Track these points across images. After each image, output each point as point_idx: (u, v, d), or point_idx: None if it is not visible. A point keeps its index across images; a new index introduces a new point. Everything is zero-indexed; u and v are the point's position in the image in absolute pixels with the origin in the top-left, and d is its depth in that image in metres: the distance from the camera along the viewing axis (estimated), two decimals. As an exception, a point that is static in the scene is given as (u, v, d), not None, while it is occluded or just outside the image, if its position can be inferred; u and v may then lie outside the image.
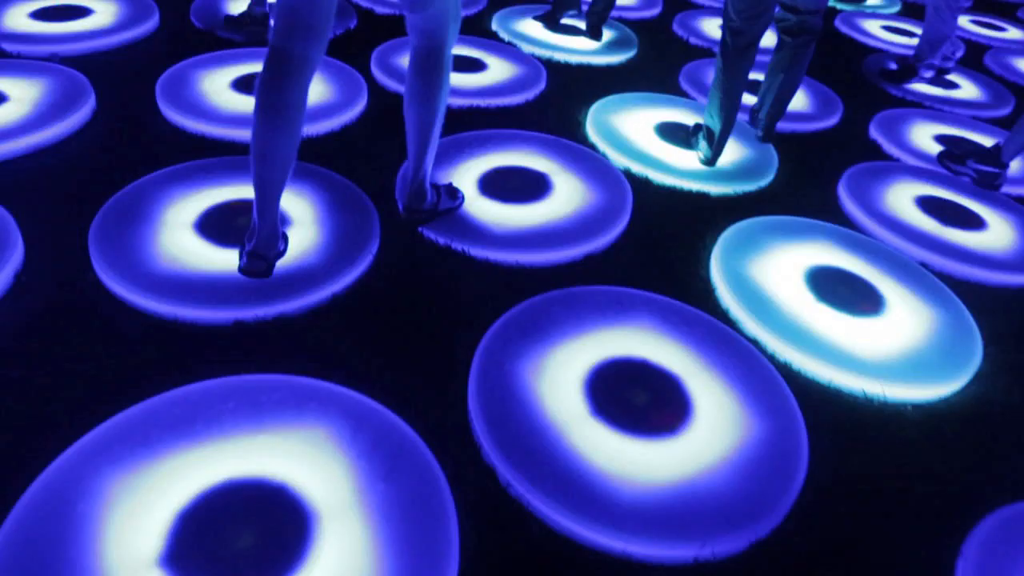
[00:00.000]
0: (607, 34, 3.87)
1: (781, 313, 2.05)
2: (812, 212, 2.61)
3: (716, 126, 2.67)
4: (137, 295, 1.81)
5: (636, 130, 2.94)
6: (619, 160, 2.73)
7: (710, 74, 3.60)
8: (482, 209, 2.30)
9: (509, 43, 3.60)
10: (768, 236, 2.37)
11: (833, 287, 2.19)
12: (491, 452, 1.52)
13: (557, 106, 3.12)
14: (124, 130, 2.55)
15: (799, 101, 3.45)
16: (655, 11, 4.42)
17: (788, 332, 1.98)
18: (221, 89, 2.79)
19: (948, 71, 3.96)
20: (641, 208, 2.45)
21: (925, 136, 3.32)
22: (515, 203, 2.35)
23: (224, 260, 1.95)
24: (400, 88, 3.00)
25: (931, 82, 3.91)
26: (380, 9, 3.83)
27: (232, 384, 1.58)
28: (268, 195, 1.77)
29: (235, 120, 2.60)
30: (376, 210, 2.23)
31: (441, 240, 2.15)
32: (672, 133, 2.96)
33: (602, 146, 2.81)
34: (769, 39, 3.71)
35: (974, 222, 2.66)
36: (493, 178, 2.46)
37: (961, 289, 2.31)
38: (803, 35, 2.66)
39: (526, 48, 3.60)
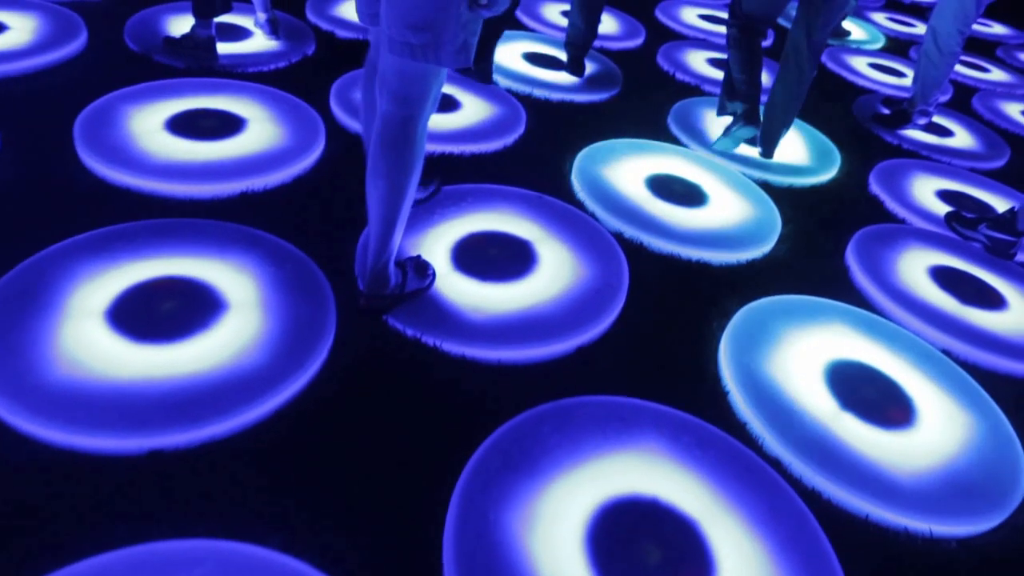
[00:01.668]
0: (588, 67, 3.59)
1: (804, 424, 1.77)
2: (822, 285, 2.36)
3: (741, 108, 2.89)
4: (21, 416, 1.43)
5: (626, 184, 2.65)
6: (610, 221, 2.44)
7: (701, 116, 3.34)
8: (456, 289, 1.97)
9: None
10: (780, 322, 2.10)
11: (857, 388, 1.92)
12: (472, 645, 1.20)
13: (539, 153, 2.81)
14: (29, 182, 2.14)
15: (798, 153, 3.21)
16: (638, 41, 4.16)
17: (814, 450, 1.71)
18: (153, 130, 2.40)
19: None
20: (637, 283, 2.15)
21: (927, 191, 3.12)
22: (494, 281, 2.03)
23: (141, 362, 1.58)
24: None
25: (925, 128, 3.73)
26: (342, 32, 3.48)
27: (136, 559, 1.22)
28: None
29: (169, 171, 2.22)
30: (332, 289, 1.89)
31: (409, 331, 1.82)
32: (665, 187, 2.68)
33: (591, 204, 2.51)
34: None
35: (994, 300, 2.44)
36: (469, 248, 2.14)
37: (989, 382, 2.08)
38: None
39: (503, 82, 3.28)
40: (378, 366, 1.74)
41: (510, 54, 3.56)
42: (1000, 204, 3.16)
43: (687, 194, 2.67)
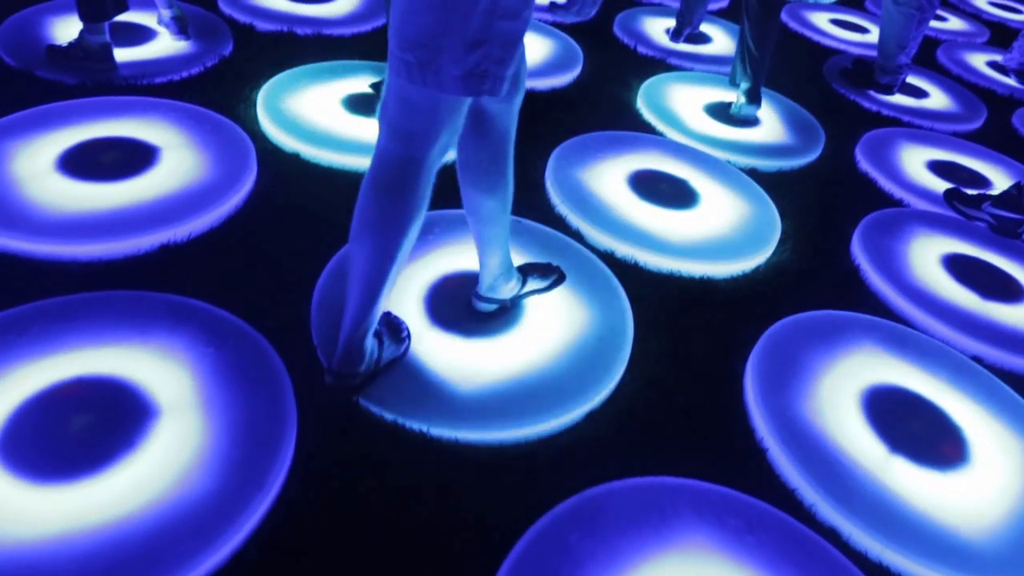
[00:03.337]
0: (547, 44, 3.24)
1: (855, 479, 1.54)
2: (835, 291, 2.14)
3: (749, 83, 2.88)
4: None
5: (608, 189, 2.35)
6: (598, 239, 2.14)
7: (672, 95, 3.05)
8: (437, 352, 1.65)
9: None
10: (803, 348, 1.86)
11: (901, 421, 1.70)
12: None
13: (505, 158, 2.47)
14: None
15: (779, 130, 2.96)
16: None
17: (872, 511, 1.48)
18: (41, 172, 1.97)
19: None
20: (640, 317, 1.87)
21: (917, 163, 2.93)
22: (480, 335, 1.72)
23: (51, 512, 1.22)
24: (307, 148, 2.27)
25: (901, 90, 3.53)
26: (264, 24, 3.02)
27: None
28: (490, 247, 1.61)
29: (65, 227, 1.80)
30: (286, 367, 1.55)
31: (387, 416, 1.50)
32: (651, 187, 2.39)
33: (573, 220, 2.20)
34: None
35: (1013, 290, 2.26)
36: (446, 294, 1.81)
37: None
38: None
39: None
40: (355, 468, 1.41)
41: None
42: (990, 172, 2.99)
43: (675, 194, 2.39)
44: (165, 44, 2.72)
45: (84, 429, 1.35)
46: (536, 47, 3.19)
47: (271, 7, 3.14)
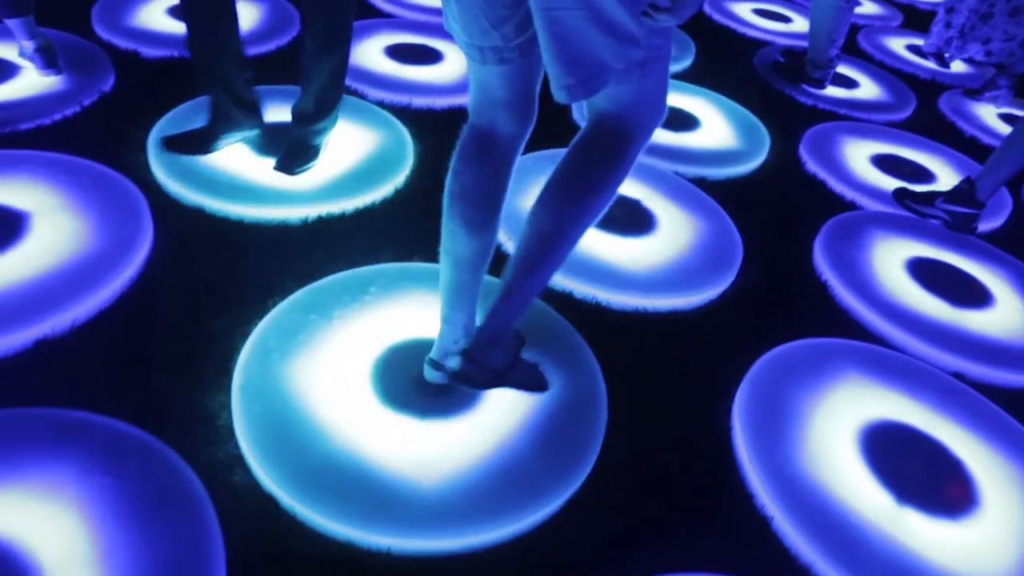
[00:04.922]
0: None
1: (870, 544, 1.39)
2: (808, 314, 2.01)
3: None
4: None
5: (557, 218, 2.14)
6: (554, 278, 1.93)
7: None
8: (389, 440, 1.41)
9: (352, 92, 2.61)
10: (790, 390, 1.70)
11: (902, 463, 1.57)
12: None
13: (438, 191, 2.23)
14: None
15: (723, 134, 2.83)
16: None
17: (892, 581, 1.34)
18: None
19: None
20: (609, 367, 1.67)
21: (861, 159, 2.86)
22: (435, 415, 1.48)
23: None
24: (212, 200, 1.95)
25: (832, 81, 3.47)
26: (149, 51, 2.65)
27: None
28: (461, 299, 1.43)
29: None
30: (205, 486, 1.27)
31: (339, 535, 1.25)
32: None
33: (524, 258, 1.98)
34: None
35: (978, 294, 2.19)
36: (391, 367, 1.56)
37: (1014, 406, 1.81)
38: None
39: (373, 93, 2.64)
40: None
41: (369, 52, 2.89)
42: (930, 162, 2.96)
43: (628, 217, 2.21)
44: (31, 81, 2.33)
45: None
46: (457, 60, 2.94)
47: (157, 29, 2.77)
